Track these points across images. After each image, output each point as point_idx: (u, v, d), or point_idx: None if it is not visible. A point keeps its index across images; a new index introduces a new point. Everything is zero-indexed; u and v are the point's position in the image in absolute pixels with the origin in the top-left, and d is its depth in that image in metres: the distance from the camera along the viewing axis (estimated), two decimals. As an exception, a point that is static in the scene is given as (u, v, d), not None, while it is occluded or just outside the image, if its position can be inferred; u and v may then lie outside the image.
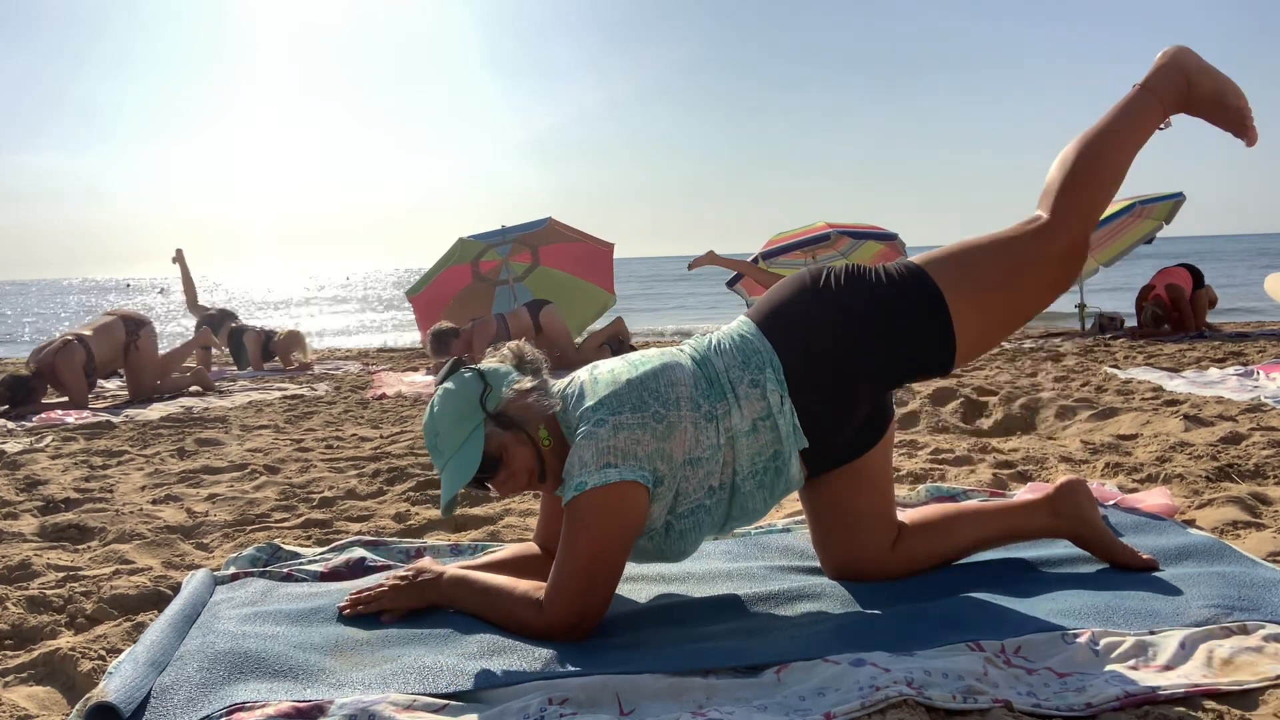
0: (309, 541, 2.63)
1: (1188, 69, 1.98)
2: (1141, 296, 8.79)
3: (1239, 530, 2.31)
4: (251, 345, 8.84)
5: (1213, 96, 1.98)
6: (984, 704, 1.40)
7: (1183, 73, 1.98)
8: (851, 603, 1.88)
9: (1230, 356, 6.63)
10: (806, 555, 2.23)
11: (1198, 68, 1.98)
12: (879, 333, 1.87)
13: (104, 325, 6.47)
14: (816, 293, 1.92)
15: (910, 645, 1.62)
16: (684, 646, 1.68)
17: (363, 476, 3.55)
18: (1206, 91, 1.98)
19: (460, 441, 1.79)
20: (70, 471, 3.89)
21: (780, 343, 1.86)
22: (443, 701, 1.49)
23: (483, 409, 1.81)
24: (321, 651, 1.71)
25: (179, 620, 1.84)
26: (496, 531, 2.68)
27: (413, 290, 9.39)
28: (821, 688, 1.47)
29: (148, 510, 3.09)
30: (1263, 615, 1.67)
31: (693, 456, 1.79)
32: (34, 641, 1.91)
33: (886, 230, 9.96)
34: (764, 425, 1.83)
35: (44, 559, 2.46)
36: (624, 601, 1.97)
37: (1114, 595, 1.80)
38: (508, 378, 1.85)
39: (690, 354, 1.91)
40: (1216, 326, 9.10)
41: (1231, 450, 3.23)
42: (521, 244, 9.44)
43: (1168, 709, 1.40)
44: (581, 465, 1.72)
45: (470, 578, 1.88)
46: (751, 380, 1.83)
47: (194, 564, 2.48)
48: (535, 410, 1.83)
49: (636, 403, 1.76)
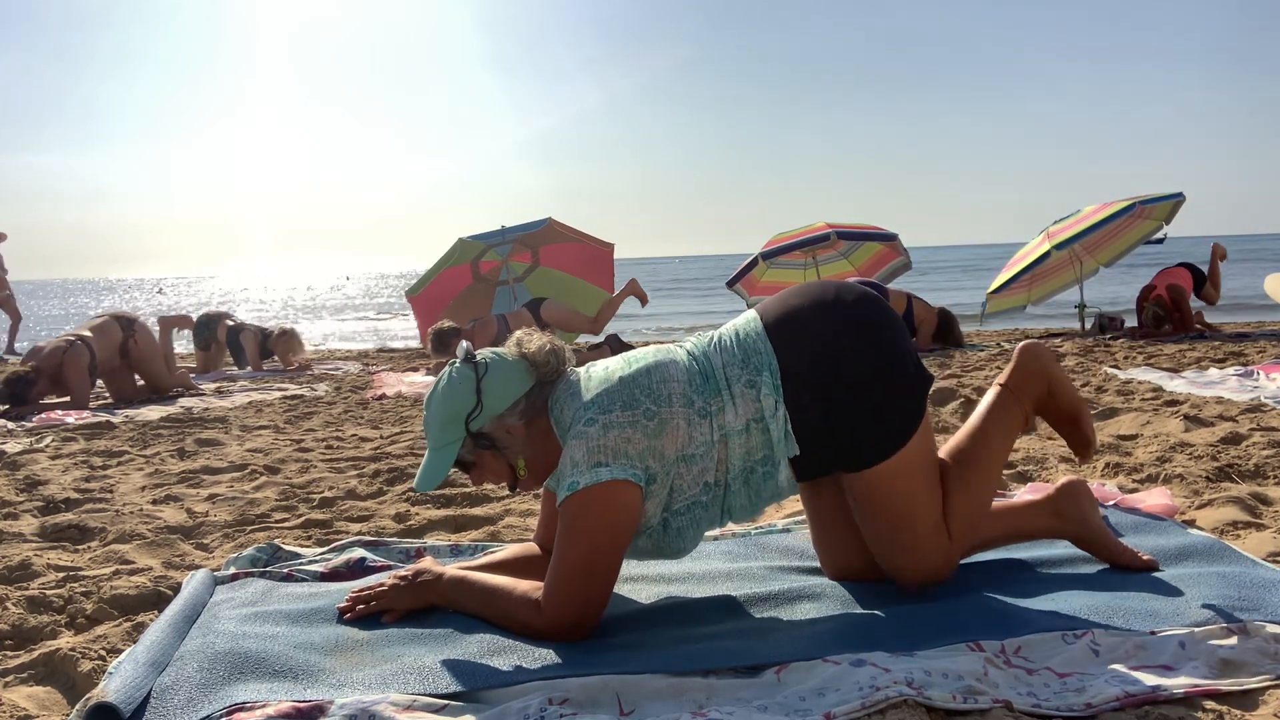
0: (309, 542, 2.63)
1: (1050, 377, 2.01)
2: (1142, 296, 8.79)
3: (1239, 530, 2.31)
4: (250, 345, 8.83)
5: (1069, 412, 2.03)
6: (984, 704, 1.40)
7: (1045, 379, 2.01)
8: (851, 603, 1.88)
9: (1230, 356, 6.63)
10: (806, 555, 2.23)
11: (1058, 379, 2.01)
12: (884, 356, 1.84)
13: (99, 325, 6.49)
14: (834, 307, 1.87)
15: (910, 645, 1.62)
16: (684, 646, 1.69)
17: (363, 477, 3.55)
18: (1064, 405, 2.02)
19: (441, 443, 1.83)
20: (70, 471, 3.89)
21: (783, 348, 1.84)
22: (443, 701, 1.49)
23: (466, 429, 1.82)
24: (321, 651, 1.71)
25: (179, 620, 1.84)
26: (496, 531, 2.68)
27: (412, 290, 9.40)
28: (821, 688, 1.47)
29: (148, 510, 3.09)
30: (1263, 615, 1.67)
31: (686, 453, 1.79)
32: (34, 641, 1.91)
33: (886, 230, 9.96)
34: (756, 427, 1.82)
35: (44, 559, 2.46)
36: (624, 601, 1.97)
37: (1114, 595, 1.80)
38: (504, 402, 1.82)
39: (688, 350, 1.90)
40: (1216, 326, 9.10)
41: (1231, 450, 3.23)
42: (521, 244, 9.45)
43: (1168, 709, 1.40)
44: (573, 465, 1.73)
45: (470, 578, 1.88)
46: (748, 381, 1.82)
47: (194, 564, 2.48)
48: (518, 439, 1.84)
49: (628, 400, 1.76)
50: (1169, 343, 7.96)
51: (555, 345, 1.89)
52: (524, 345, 1.89)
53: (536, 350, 1.87)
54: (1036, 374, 2.01)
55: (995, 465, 1.94)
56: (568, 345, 1.93)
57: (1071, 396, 2.02)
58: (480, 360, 1.86)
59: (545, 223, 9.01)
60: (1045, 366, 2.01)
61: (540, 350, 1.87)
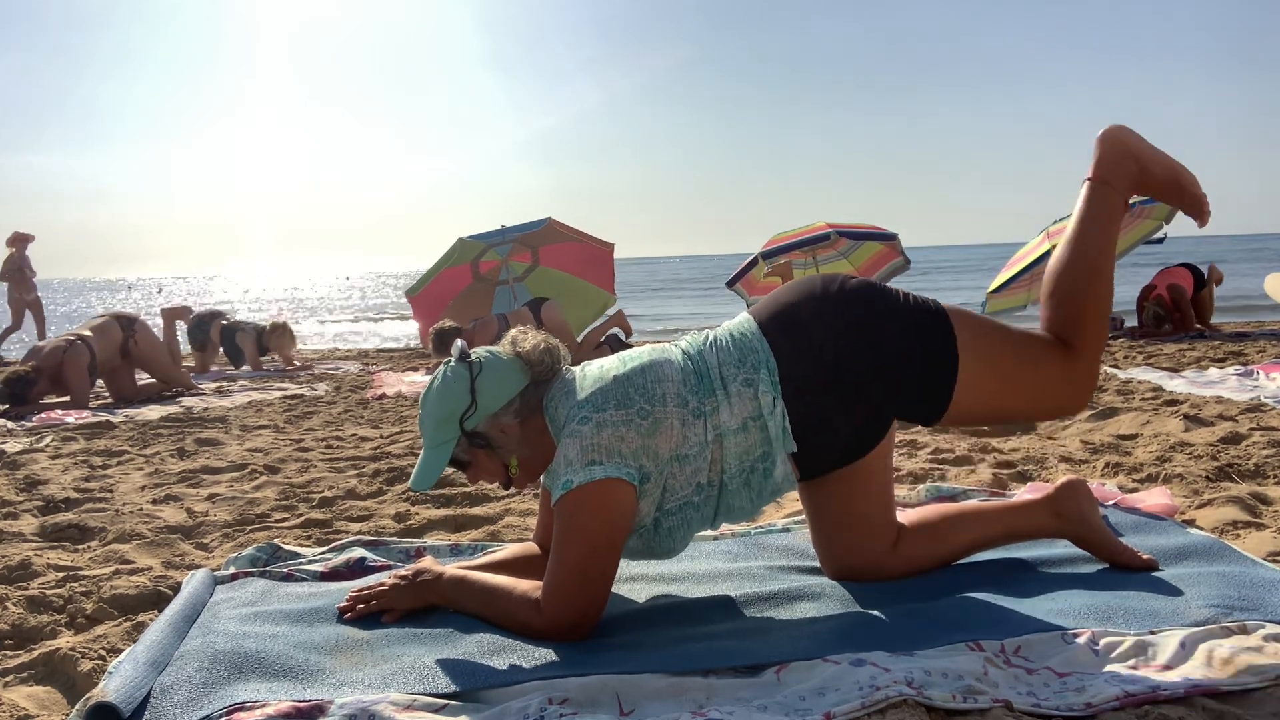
0: (309, 541, 2.63)
1: (1136, 153, 1.95)
2: (1143, 296, 8.79)
3: (1239, 530, 2.31)
4: (248, 345, 8.84)
5: (1168, 181, 1.96)
6: (984, 704, 1.40)
7: (1131, 157, 1.95)
8: (851, 603, 1.88)
9: (1230, 356, 6.63)
10: (806, 555, 2.22)
11: (1145, 152, 1.95)
12: (882, 350, 1.83)
13: (100, 326, 6.50)
14: (825, 299, 1.88)
15: (910, 645, 1.62)
16: (684, 646, 1.68)
17: (363, 476, 3.55)
18: (1159, 176, 1.96)
19: (436, 442, 1.83)
20: (70, 471, 3.89)
21: (779, 344, 1.85)
22: (443, 701, 1.49)
23: (460, 428, 1.82)
24: (321, 651, 1.71)
25: (179, 620, 1.84)
26: (496, 531, 2.68)
27: (412, 290, 9.40)
28: (821, 688, 1.47)
29: (148, 510, 3.09)
30: (1263, 615, 1.67)
31: (679, 453, 1.79)
32: (34, 641, 1.91)
33: (886, 230, 9.96)
34: (754, 425, 1.82)
35: (44, 559, 2.46)
36: (624, 601, 1.96)
37: (1114, 595, 1.80)
38: (499, 401, 1.82)
39: (684, 349, 1.90)
40: (1216, 326, 9.10)
41: (1231, 450, 3.23)
42: (521, 244, 9.44)
43: (1168, 709, 1.40)
44: (567, 464, 1.73)
45: (470, 578, 1.88)
46: (745, 379, 1.82)
47: (194, 564, 2.48)
48: (513, 438, 1.85)
49: (622, 399, 1.76)
50: (1169, 342, 7.96)
51: (550, 344, 1.89)
52: (519, 344, 1.88)
53: (531, 349, 1.87)
54: (1122, 156, 1.94)
55: (1107, 260, 1.90)
56: (563, 344, 1.93)
57: (1166, 164, 1.95)
58: (475, 359, 1.86)
59: (545, 222, 9.00)
60: (1129, 146, 1.94)
61: (535, 349, 1.87)
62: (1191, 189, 1.96)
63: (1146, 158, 1.95)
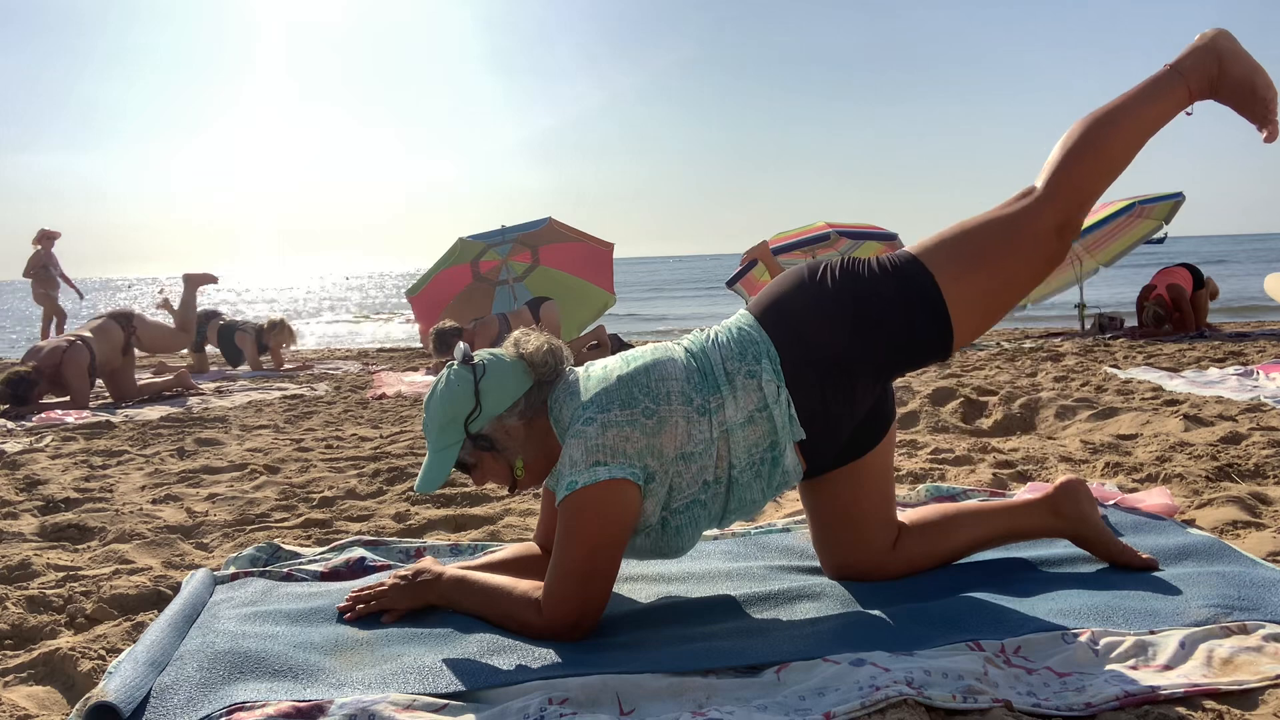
0: (309, 541, 2.63)
1: (1221, 52, 1.92)
2: (1143, 296, 8.79)
3: (1239, 530, 2.31)
4: (246, 345, 8.84)
5: (1243, 83, 1.92)
6: (984, 704, 1.40)
7: (1215, 56, 1.92)
8: (851, 603, 1.88)
9: (1230, 356, 6.63)
10: (806, 555, 2.23)
11: (1231, 52, 1.92)
12: (876, 322, 1.85)
13: (99, 327, 6.50)
14: (814, 285, 1.90)
15: (910, 645, 1.62)
16: (684, 646, 1.68)
17: (363, 476, 3.55)
18: (1236, 77, 1.92)
19: (440, 446, 1.83)
20: (70, 471, 3.89)
21: (778, 334, 1.86)
22: (443, 701, 1.49)
23: (465, 431, 1.82)
24: (321, 651, 1.71)
25: (179, 620, 1.84)
26: (496, 531, 2.68)
27: (412, 290, 9.40)
28: (821, 688, 1.47)
29: (148, 510, 3.09)
30: (1263, 615, 1.67)
31: (685, 451, 1.79)
32: (34, 641, 1.91)
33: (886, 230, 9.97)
34: (760, 417, 1.82)
35: (44, 559, 2.46)
36: (624, 601, 1.97)
37: (1114, 595, 1.80)
38: (503, 404, 1.83)
39: (686, 347, 1.90)
40: (1216, 326, 9.10)
41: (1231, 450, 3.23)
42: (521, 244, 9.44)
43: (1168, 709, 1.40)
44: (571, 464, 1.73)
45: (470, 578, 1.88)
46: (748, 371, 1.82)
47: (194, 564, 2.48)
48: (518, 440, 1.85)
49: (626, 399, 1.76)
50: (1169, 342, 7.96)
51: (553, 345, 1.89)
52: (522, 346, 1.88)
53: (534, 350, 1.87)
54: (1207, 53, 1.92)
55: (1131, 134, 1.88)
56: (565, 345, 1.93)
57: (1247, 64, 1.92)
58: (478, 362, 1.86)
59: (545, 222, 9.00)
60: (1217, 46, 1.93)
61: (538, 350, 1.87)
62: (1264, 94, 1.92)
63: (1229, 57, 1.93)
